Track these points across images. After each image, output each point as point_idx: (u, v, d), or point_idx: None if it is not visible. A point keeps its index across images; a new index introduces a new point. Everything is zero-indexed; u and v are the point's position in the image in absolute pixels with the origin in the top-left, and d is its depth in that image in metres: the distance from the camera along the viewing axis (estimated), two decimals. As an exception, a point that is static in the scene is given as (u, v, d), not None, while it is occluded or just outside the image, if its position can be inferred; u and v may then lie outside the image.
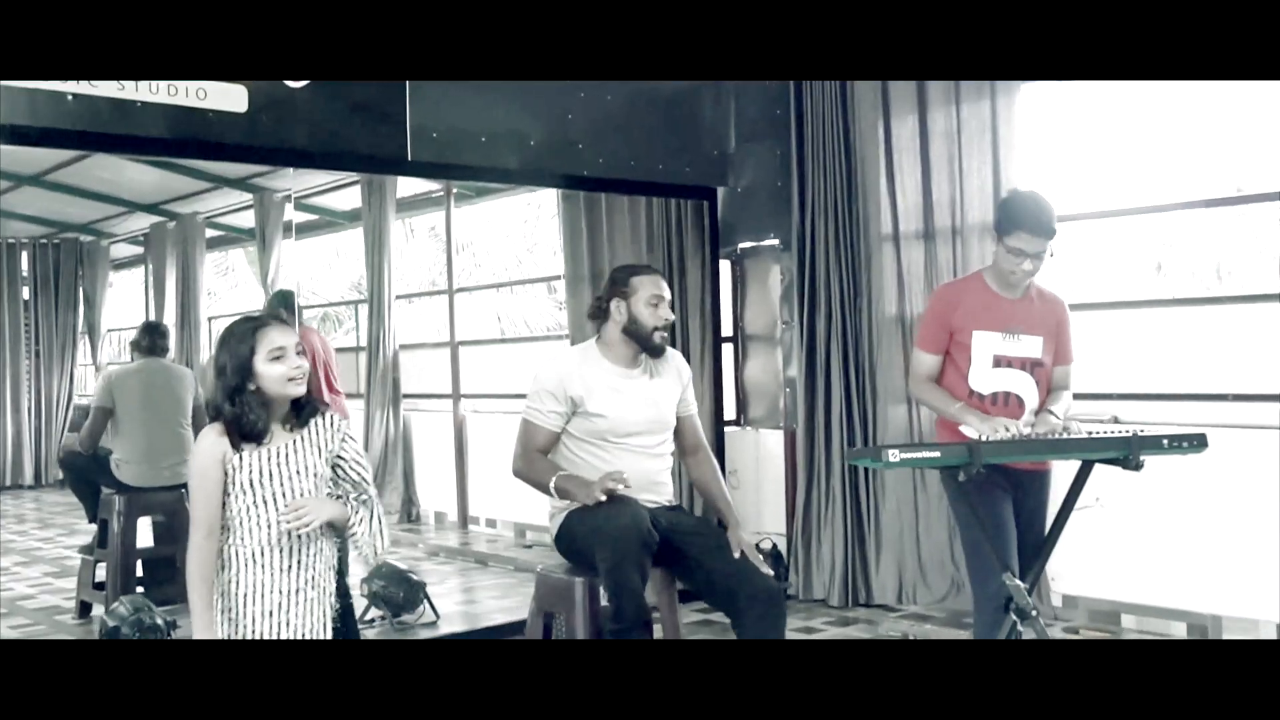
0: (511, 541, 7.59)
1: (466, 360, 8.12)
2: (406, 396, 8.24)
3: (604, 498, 3.49)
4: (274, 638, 2.91)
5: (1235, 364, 4.94)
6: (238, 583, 2.90)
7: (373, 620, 5.49)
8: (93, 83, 4.32)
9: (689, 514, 3.89)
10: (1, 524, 8.80)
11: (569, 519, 3.70)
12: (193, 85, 4.52)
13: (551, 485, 3.66)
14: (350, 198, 8.48)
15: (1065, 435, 3.63)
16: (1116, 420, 5.11)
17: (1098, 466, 3.59)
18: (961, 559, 5.55)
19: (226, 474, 2.86)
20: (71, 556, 6.38)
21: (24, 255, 10.01)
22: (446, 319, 8.25)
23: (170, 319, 9.01)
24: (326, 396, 6.75)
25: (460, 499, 7.98)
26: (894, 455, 3.36)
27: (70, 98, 4.28)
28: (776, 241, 6.23)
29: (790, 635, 5.31)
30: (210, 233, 9.14)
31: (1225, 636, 4.89)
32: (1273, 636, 4.76)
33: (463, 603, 6.35)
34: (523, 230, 12.18)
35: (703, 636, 5.29)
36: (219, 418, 2.89)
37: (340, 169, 6.34)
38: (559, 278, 8.21)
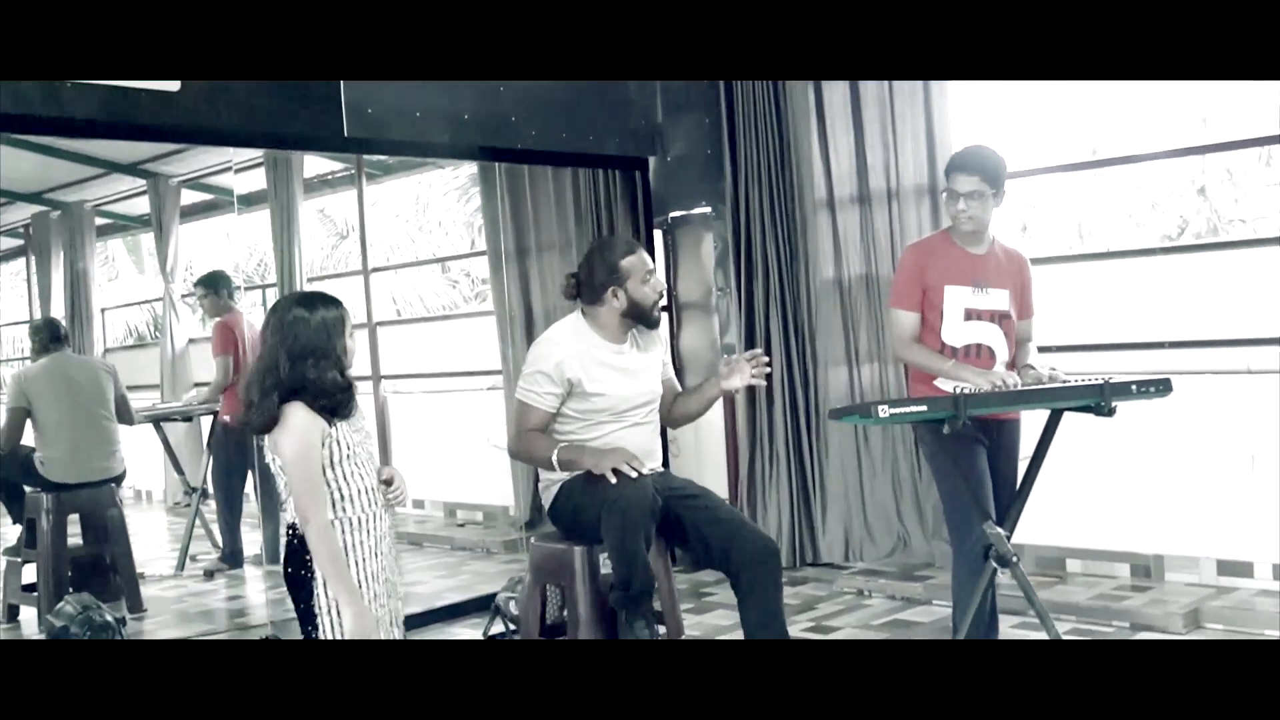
0: (442, 521, 7.51)
1: (382, 341, 7.98)
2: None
3: (614, 479, 3.49)
4: (385, 598, 3.00)
5: (1167, 313, 5.13)
6: (348, 552, 2.94)
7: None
8: (21, 63, 4.14)
9: (675, 476, 3.91)
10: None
11: (567, 490, 3.69)
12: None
13: (554, 458, 3.64)
14: (246, 180, 8.25)
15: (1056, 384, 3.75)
16: (1054, 371, 5.26)
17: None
18: (907, 514, 5.71)
19: (325, 448, 2.89)
20: (-5, 560, 6.13)
21: (-111, 252, 9.55)
22: (361, 301, 8.09)
23: (59, 312, 8.68)
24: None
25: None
26: (884, 411, 3.44)
27: (-9, 80, 4.09)
28: (709, 210, 6.25)
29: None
30: (100, 221, 8.83)
31: (1167, 575, 5.10)
32: (1213, 573, 4.99)
33: (409, 584, 6.27)
34: (416, 211, 12.02)
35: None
36: (304, 397, 2.87)
37: (277, 147, 6.19)
38: (481, 254, 8.11)
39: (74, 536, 5.82)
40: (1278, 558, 4.82)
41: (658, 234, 6.35)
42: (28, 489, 5.69)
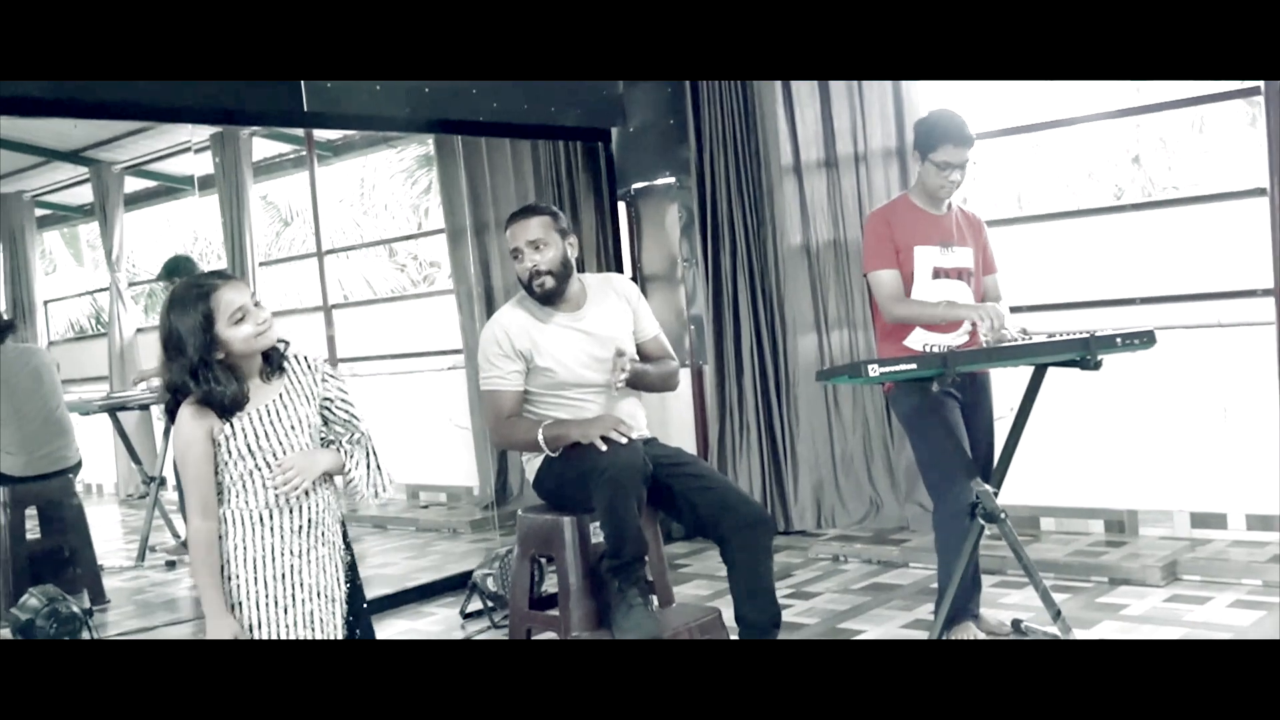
0: (405, 504, 7.41)
1: (338, 324, 7.86)
2: (281, 365, 7.94)
3: (604, 447, 3.43)
4: (289, 601, 2.75)
5: (1128, 270, 5.16)
6: (245, 548, 2.73)
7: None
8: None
9: (663, 444, 3.85)
10: None
11: (549, 461, 3.61)
12: (75, 39, 4.21)
13: (540, 438, 3.55)
14: (187, 164, 8.08)
15: (1026, 338, 3.76)
16: (1025, 332, 5.28)
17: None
18: (879, 479, 5.70)
19: (218, 446, 2.69)
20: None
21: None
22: (316, 284, 7.97)
23: (0, 305, 8.47)
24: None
25: (346, 466, 7.75)
26: (874, 370, 3.42)
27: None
28: (672, 180, 6.21)
29: (720, 567, 5.36)
30: (40, 212, 8.61)
31: (1141, 529, 5.14)
32: (1187, 526, 5.03)
33: (378, 566, 6.19)
34: (360, 194, 11.87)
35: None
36: (181, 395, 2.67)
37: (235, 124, 6.06)
38: (439, 232, 7.99)
39: (32, 531, 5.69)
40: (1251, 508, 4.87)
41: (621, 206, 6.30)
42: (-16, 484, 5.53)
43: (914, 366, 3.52)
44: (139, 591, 5.98)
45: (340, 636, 2.86)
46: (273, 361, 2.78)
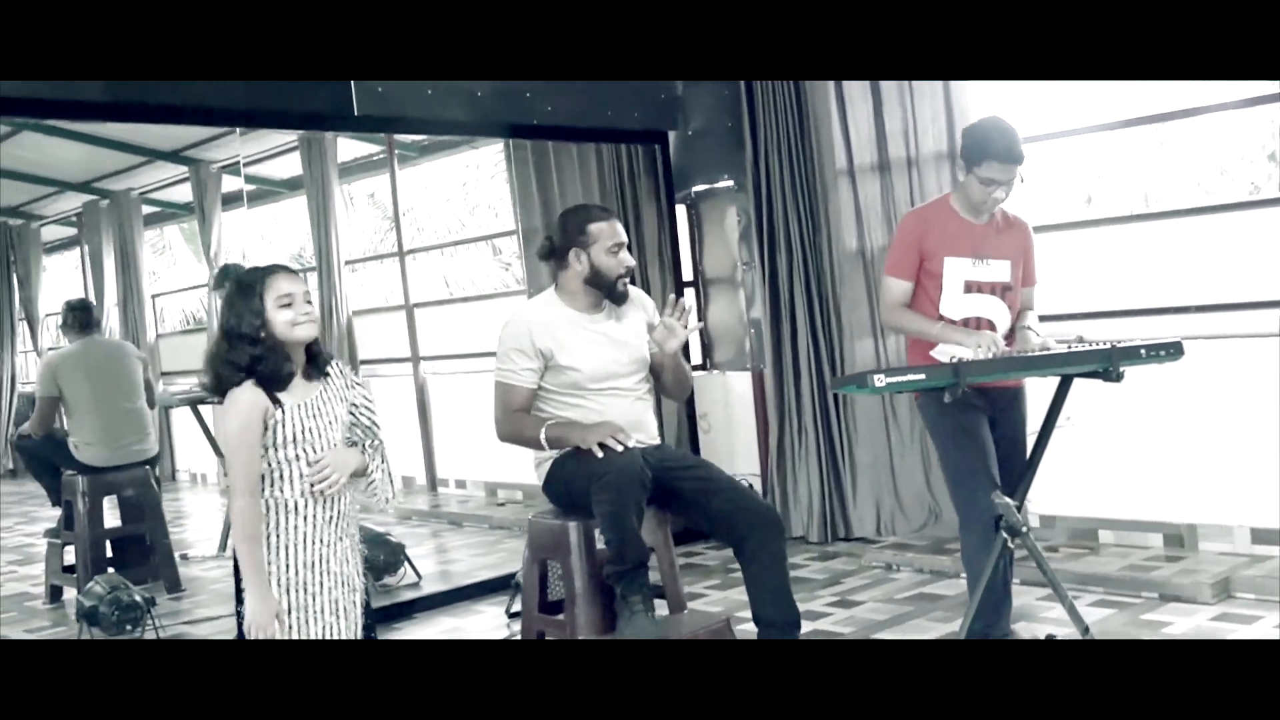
0: (483, 501, 7.54)
1: (421, 323, 8.03)
2: (364, 362, 8.14)
3: (600, 454, 3.45)
4: (318, 588, 2.92)
5: (1194, 277, 4.99)
6: (278, 535, 2.89)
7: (353, 586, 5.44)
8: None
9: (673, 449, 3.86)
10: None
11: (559, 465, 3.66)
12: (132, 50, 4.37)
13: (543, 436, 3.60)
14: (288, 165, 8.33)
15: (1046, 352, 3.66)
16: (1082, 339, 5.14)
17: (1073, 385, 3.63)
18: (938, 487, 5.61)
19: (267, 428, 2.85)
20: (34, 544, 6.27)
21: (-51, 244, 9.77)
22: (399, 283, 8.15)
23: (111, 299, 8.83)
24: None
25: (428, 462, 7.92)
26: (879, 380, 3.36)
27: None
28: (731, 183, 6.20)
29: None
30: (147, 209, 8.96)
31: (1200, 544, 4.97)
32: (1247, 542, 4.85)
33: (442, 563, 6.32)
34: (463, 192, 12.07)
35: (691, 579, 5.31)
36: (235, 374, 2.85)
37: (284, 127, 6.21)
38: (510, 234, 8.12)
39: (113, 518, 5.94)
40: (1314, 525, 4.68)
41: (681, 209, 6.31)
42: (66, 472, 5.79)
43: (922, 377, 3.48)
44: (216, 581, 6.19)
45: (361, 623, 3.05)
46: (317, 363, 2.97)
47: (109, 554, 5.85)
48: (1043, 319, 5.09)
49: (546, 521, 3.75)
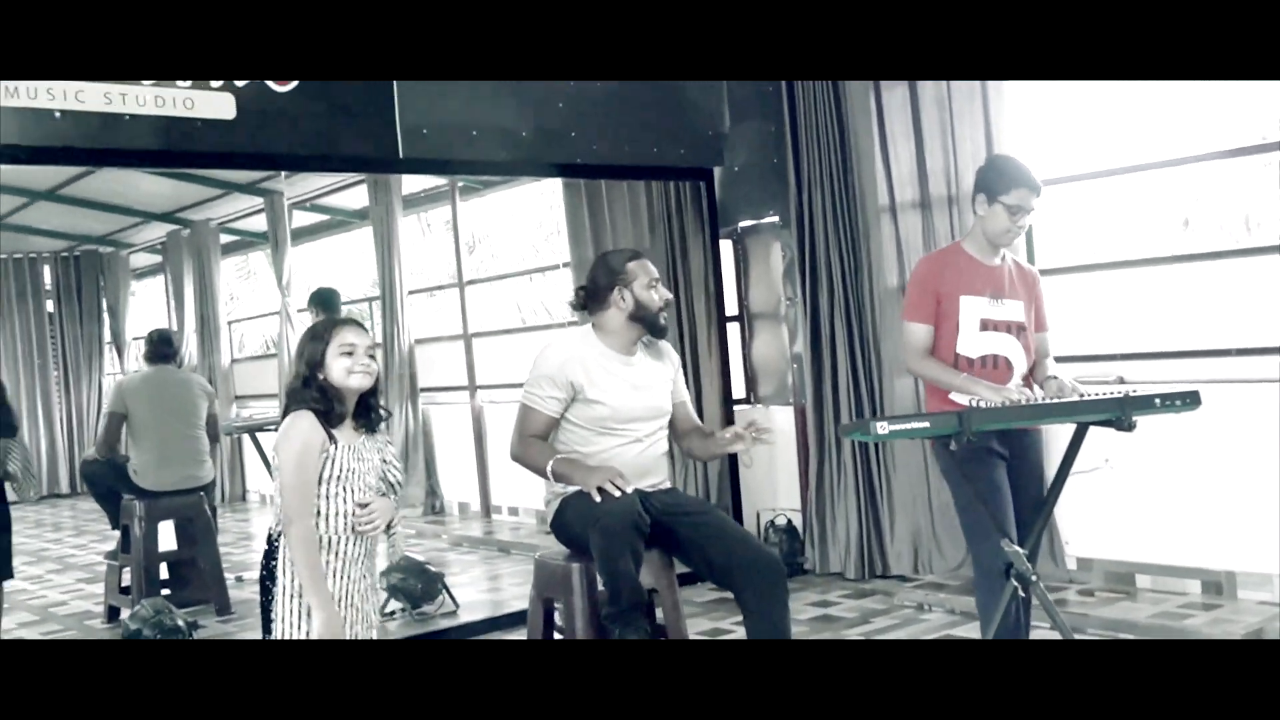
0: (534, 528, 7.63)
1: (480, 352, 8.17)
2: (424, 390, 8.31)
3: (598, 497, 3.51)
4: (347, 621, 3.07)
5: (1239, 318, 4.89)
6: None
7: (393, 612, 5.56)
8: (80, 98, 4.37)
9: (683, 494, 3.91)
10: (39, 532, 8.99)
11: (564, 505, 3.73)
12: (180, 95, 4.55)
13: (549, 469, 3.67)
14: (360, 196, 8.53)
15: (1075, 396, 3.62)
16: (1122, 380, 5.06)
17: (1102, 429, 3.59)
18: (974, 526, 5.55)
19: (322, 458, 3.02)
20: (102, 563, 6.49)
21: (46, 269, 10.16)
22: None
23: (190, 325, 9.11)
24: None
25: (482, 489, 8.05)
26: (882, 427, 3.36)
27: (58, 114, 4.34)
28: (776, 218, 6.22)
29: (807, 609, 5.37)
30: (226, 238, 9.23)
31: (1240, 593, 4.86)
32: (1287, 590, 4.74)
33: (486, 590, 6.42)
34: (538, 219, 12.22)
35: (717, 615, 5.33)
36: (295, 404, 3.05)
37: (331, 170, 6.38)
38: (563, 265, 8.21)
39: (169, 541, 6.12)
40: (1354, 577, 4.55)
41: (727, 243, 6.35)
42: (125, 496, 5.99)
43: (926, 425, 3.47)
44: (268, 605, 6.34)
45: None
46: (369, 416, 3.16)
47: (164, 576, 6.04)
48: (1086, 359, 5.09)
49: (551, 561, 3.81)
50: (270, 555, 3.08)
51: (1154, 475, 4.97)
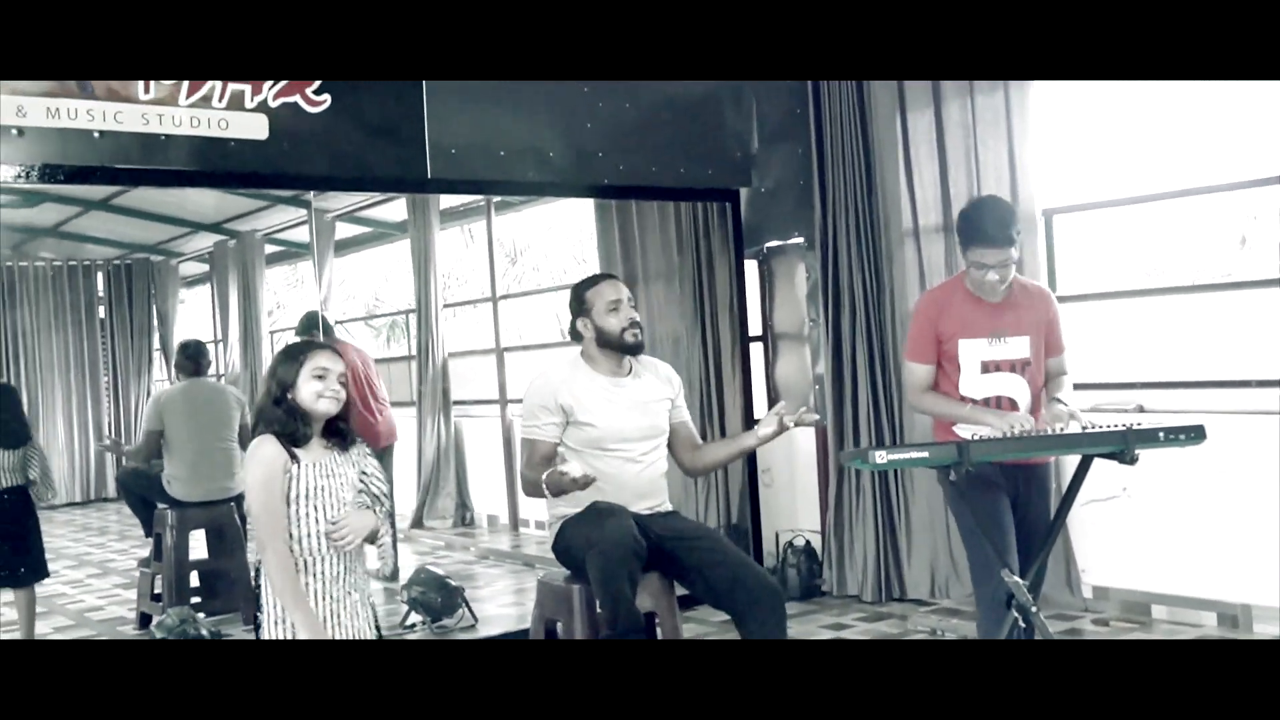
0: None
1: (512, 366, 8.26)
2: (457, 403, 8.40)
3: (576, 474, 3.50)
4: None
5: (1268, 349, 4.86)
6: None
7: (413, 625, 5.65)
8: (118, 119, 4.49)
9: (683, 518, 3.96)
10: (83, 536, 9.17)
11: (564, 528, 3.79)
12: (215, 115, 4.66)
13: (543, 482, 3.71)
14: (402, 209, 8.66)
15: (1074, 423, 3.62)
16: (1142, 409, 5.06)
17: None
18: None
19: (286, 478, 3.08)
20: (139, 568, 6.61)
21: (99, 276, 10.37)
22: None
23: (234, 334, 9.27)
24: (374, 406, 6.93)
25: (511, 502, 8.13)
26: (881, 456, 3.40)
27: (98, 135, 4.46)
28: (801, 240, 6.25)
29: (820, 632, 5.39)
30: (271, 249, 9.38)
31: (1256, 626, 4.83)
32: (1302, 625, 4.70)
33: (510, 604, 6.47)
34: (581, 229, 12.33)
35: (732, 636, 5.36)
36: (262, 424, 3.12)
37: (362, 190, 6.48)
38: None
39: (200, 550, 6.24)
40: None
41: (752, 264, 6.39)
42: (159, 506, 6.13)
43: (925, 455, 3.49)
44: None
45: None
46: (343, 438, 3.21)
47: (195, 584, 6.16)
48: (1106, 387, 5.07)
49: (552, 583, 3.88)
50: (258, 583, 3.13)
51: (1173, 505, 4.95)
